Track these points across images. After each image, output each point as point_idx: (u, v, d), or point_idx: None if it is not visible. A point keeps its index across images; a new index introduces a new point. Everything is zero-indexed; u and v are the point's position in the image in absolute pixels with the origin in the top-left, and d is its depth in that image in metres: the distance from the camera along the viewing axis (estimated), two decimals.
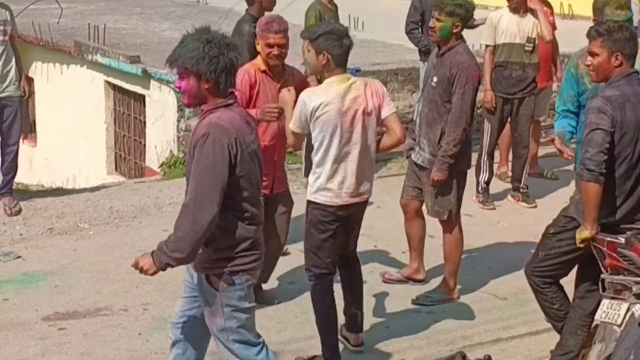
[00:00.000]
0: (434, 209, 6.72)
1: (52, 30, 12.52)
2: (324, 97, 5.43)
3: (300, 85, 6.10)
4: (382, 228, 8.24)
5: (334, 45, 5.45)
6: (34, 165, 13.50)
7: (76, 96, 12.33)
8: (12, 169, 8.72)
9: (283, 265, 7.04)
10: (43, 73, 13.03)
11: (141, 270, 4.53)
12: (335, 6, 9.17)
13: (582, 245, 5.28)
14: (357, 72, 10.49)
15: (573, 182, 5.50)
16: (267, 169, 5.97)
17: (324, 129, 5.45)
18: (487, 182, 8.88)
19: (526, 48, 8.66)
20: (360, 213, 5.86)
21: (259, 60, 6.27)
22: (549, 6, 9.64)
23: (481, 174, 8.85)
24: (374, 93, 5.58)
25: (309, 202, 5.64)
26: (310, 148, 5.73)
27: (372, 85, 5.63)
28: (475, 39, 11.30)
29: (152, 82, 10.65)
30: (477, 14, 10.03)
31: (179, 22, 14.39)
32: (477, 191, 8.90)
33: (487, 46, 8.75)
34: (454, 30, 6.48)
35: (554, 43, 9.55)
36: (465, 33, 6.70)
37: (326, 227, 5.64)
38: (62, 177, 11.96)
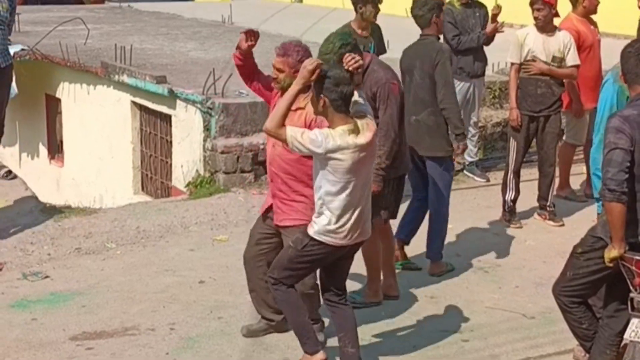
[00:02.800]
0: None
1: (79, 51, 12.62)
2: (341, 141, 5.33)
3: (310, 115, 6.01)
4: (407, 247, 8.19)
5: (329, 90, 5.36)
6: (61, 185, 13.60)
7: (103, 116, 12.41)
8: None
9: None
10: (70, 94, 13.13)
11: None
12: (376, 28, 8.98)
13: (610, 265, 5.26)
14: None
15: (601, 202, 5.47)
16: (271, 192, 6.06)
17: (337, 176, 5.39)
18: (514, 201, 8.84)
19: (552, 67, 8.60)
20: (354, 252, 5.81)
21: None
22: (595, 25, 9.54)
23: (507, 192, 8.82)
24: (374, 134, 5.50)
25: (311, 238, 5.54)
26: None
27: (373, 126, 5.53)
28: (500, 57, 11.33)
29: (178, 102, 10.70)
30: (503, 33, 10.12)
31: (204, 42, 14.48)
32: (504, 209, 8.87)
33: (512, 64, 8.72)
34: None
35: (600, 64, 9.46)
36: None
37: (321, 262, 5.65)
38: (89, 197, 12.03)
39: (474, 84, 10.04)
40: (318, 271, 5.84)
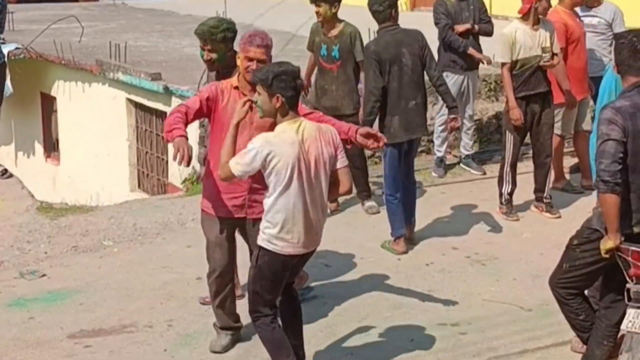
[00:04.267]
0: None
1: (74, 49, 12.61)
2: (277, 146, 5.23)
3: None
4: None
5: (287, 87, 5.26)
6: (58, 183, 13.59)
7: (98, 114, 12.40)
8: None
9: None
10: (65, 92, 13.13)
11: None
12: (352, 32, 8.70)
13: (606, 256, 5.27)
14: None
15: (595, 193, 5.48)
16: (237, 190, 5.89)
17: (278, 178, 5.26)
18: (510, 194, 8.84)
19: (543, 59, 8.60)
20: (308, 258, 5.67)
21: (234, 78, 6.01)
22: (579, 17, 9.57)
23: (504, 185, 8.82)
24: (328, 142, 5.39)
25: (260, 248, 5.42)
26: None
27: (327, 132, 5.43)
28: (496, 50, 11.33)
29: (174, 98, 10.69)
30: (498, 26, 10.13)
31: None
32: (501, 202, 8.87)
33: (504, 64, 8.65)
34: (229, 54, 6.48)
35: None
36: None
37: (277, 273, 5.47)
38: (86, 195, 12.03)
39: (467, 77, 10.04)
40: None
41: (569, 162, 10.12)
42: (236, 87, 5.91)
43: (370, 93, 7.81)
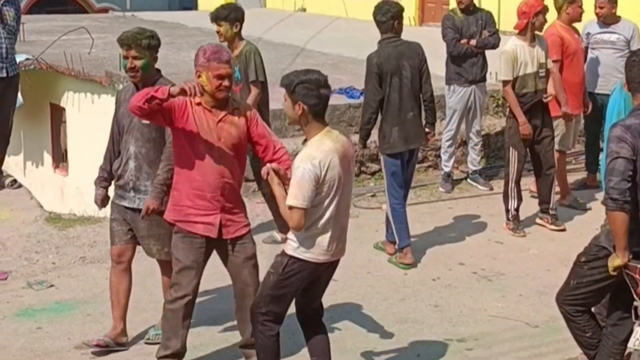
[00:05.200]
0: (164, 252, 6.29)
1: (84, 61, 12.65)
2: (323, 156, 5.19)
3: (246, 119, 5.82)
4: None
5: (309, 95, 5.20)
6: (66, 194, 13.61)
7: (107, 125, 12.29)
8: None
9: None
10: (74, 103, 13.16)
11: None
12: (250, 51, 8.33)
13: (614, 273, 5.27)
14: None
15: (604, 209, 5.49)
16: (209, 208, 5.73)
17: (329, 189, 5.23)
18: (517, 209, 8.86)
19: (540, 75, 8.65)
20: (333, 270, 5.61)
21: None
22: (578, 33, 9.65)
23: (510, 201, 8.83)
24: (353, 155, 5.45)
25: (290, 257, 5.36)
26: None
27: (349, 141, 5.44)
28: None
29: None
30: (505, 41, 10.14)
31: None
32: (507, 219, 8.88)
33: (506, 82, 8.64)
34: (153, 63, 6.29)
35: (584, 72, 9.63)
36: None
37: (303, 281, 5.42)
38: (94, 206, 12.03)
39: (474, 91, 10.05)
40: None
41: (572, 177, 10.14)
42: (199, 103, 5.71)
43: (367, 104, 8.00)
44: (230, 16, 8.21)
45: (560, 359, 6.28)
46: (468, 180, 10.44)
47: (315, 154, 5.20)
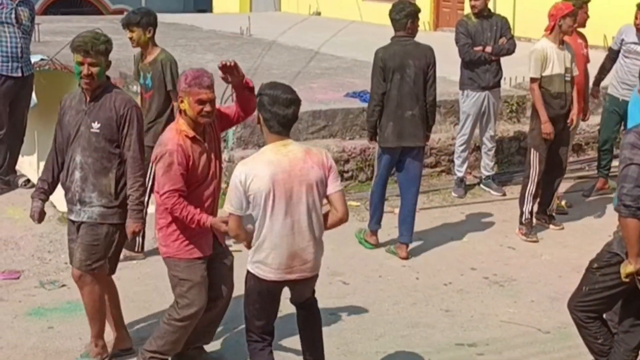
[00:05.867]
0: (85, 264, 6.02)
1: None
2: (252, 168, 5.09)
3: (217, 127, 5.85)
4: (424, 260, 8.23)
5: (265, 109, 5.15)
6: None
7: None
8: None
9: (325, 295, 7.04)
10: None
11: None
12: (164, 60, 8.11)
13: (627, 280, 5.26)
14: None
15: (616, 216, 5.48)
16: (204, 229, 5.66)
17: (255, 201, 5.09)
18: (532, 213, 8.87)
19: (566, 78, 8.71)
20: (307, 283, 5.46)
21: (182, 125, 5.65)
22: (584, 38, 9.69)
23: (526, 204, 8.83)
24: (317, 163, 5.19)
25: (248, 271, 5.34)
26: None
27: (316, 155, 5.21)
28: (517, 72, 11.36)
29: None
30: (520, 47, 10.16)
31: (223, 53, 14.53)
32: (521, 222, 8.87)
33: (534, 79, 8.71)
34: (107, 70, 6.01)
35: (586, 77, 9.74)
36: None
37: (264, 299, 5.35)
38: None
39: (487, 96, 10.05)
40: None
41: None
42: (192, 137, 5.63)
43: (371, 97, 8.26)
44: (143, 21, 7.99)
45: None
46: (481, 185, 10.44)
47: (246, 161, 5.16)
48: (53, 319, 6.93)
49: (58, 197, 12.21)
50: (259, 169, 5.07)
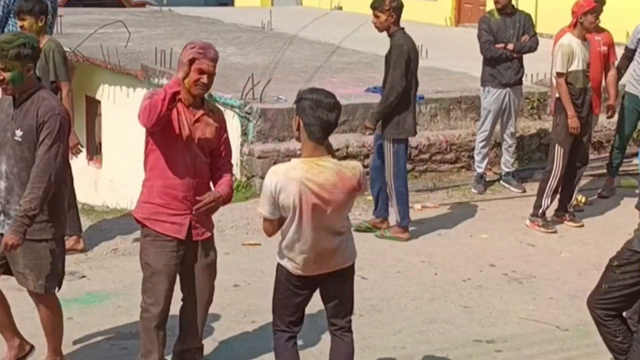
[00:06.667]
0: (38, 283, 5.65)
1: (120, 54, 12.73)
2: (282, 180, 4.94)
3: (219, 123, 5.69)
4: (443, 256, 8.22)
5: (307, 113, 4.94)
6: (99, 186, 13.71)
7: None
8: None
9: None
10: (110, 96, 13.25)
11: None
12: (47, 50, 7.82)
13: None
14: (420, 99, 10.58)
15: (637, 213, 5.46)
16: (179, 208, 5.54)
17: (285, 212, 4.99)
18: (547, 207, 8.91)
19: (587, 73, 8.78)
20: (336, 283, 5.27)
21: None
22: (609, 36, 9.75)
23: (544, 198, 8.87)
24: (347, 190, 5.01)
25: (278, 264, 5.23)
26: None
27: (348, 180, 5.02)
28: (539, 68, 11.31)
29: (217, 106, 10.76)
30: (542, 43, 10.12)
31: (244, 47, 14.55)
32: (536, 215, 8.91)
33: (561, 74, 8.71)
34: (28, 74, 5.52)
35: (606, 72, 9.81)
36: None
37: (289, 290, 5.22)
38: (126, 199, 12.11)
39: (509, 93, 10.02)
40: None
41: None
42: (179, 99, 5.49)
43: (393, 89, 8.26)
44: (35, 9, 7.81)
45: None
46: (501, 181, 10.41)
47: (277, 171, 5.00)
48: (73, 310, 6.96)
49: (78, 188, 12.28)
50: (288, 185, 4.92)
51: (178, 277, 5.79)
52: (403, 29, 8.38)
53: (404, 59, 8.19)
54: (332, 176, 4.96)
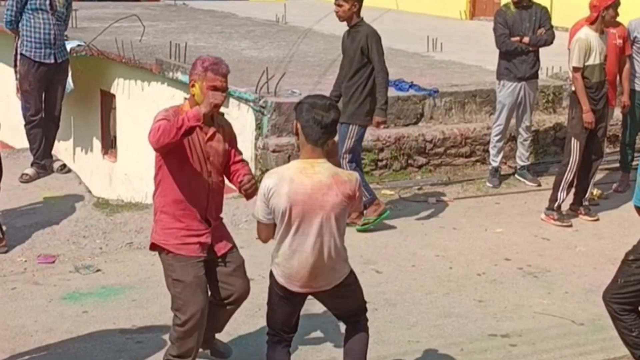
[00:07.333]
0: None
1: (135, 48, 12.74)
2: (274, 181, 4.91)
3: (229, 140, 5.62)
4: (457, 250, 8.21)
5: (303, 115, 4.91)
6: (114, 180, 13.73)
7: (156, 113, 12.47)
8: None
9: None
10: (124, 90, 13.26)
11: None
12: None
13: None
14: (435, 92, 10.55)
15: None
16: (200, 228, 5.49)
17: (276, 216, 4.95)
18: (563, 200, 8.90)
19: (604, 66, 8.80)
20: (327, 299, 5.24)
21: (186, 106, 5.49)
22: (623, 29, 9.74)
23: (560, 192, 8.87)
24: (343, 194, 4.93)
25: (270, 270, 5.18)
26: None
27: (344, 184, 4.95)
28: (554, 62, 11.27)
29: (231, 100, 10.76)
30: (558, 37, 10.08)
31: (258, 41, 14.55)
32: (551, 208, 8.89)
33: (577, 68, 8.68)
34: None
35: (620, 66, 9.80)
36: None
37: (280, 300, 5.18)
38: (141, 192, 12.13)
39: (524, 87, 9.98)
40: None
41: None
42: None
43: (387, 76, 8.59)
44: None
45: (605, 358, 6.23)
46: (516, 175, 10.38)
47: (272, 173, 5.02)
48: (87, 304, 6.99)
49: (93, 181, 12.30)
50: (279, 185, 4.89)
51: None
52: (362, 18, 8.65)
53: (381, 45, 8.49)
54: (327, 178, 4.91)
